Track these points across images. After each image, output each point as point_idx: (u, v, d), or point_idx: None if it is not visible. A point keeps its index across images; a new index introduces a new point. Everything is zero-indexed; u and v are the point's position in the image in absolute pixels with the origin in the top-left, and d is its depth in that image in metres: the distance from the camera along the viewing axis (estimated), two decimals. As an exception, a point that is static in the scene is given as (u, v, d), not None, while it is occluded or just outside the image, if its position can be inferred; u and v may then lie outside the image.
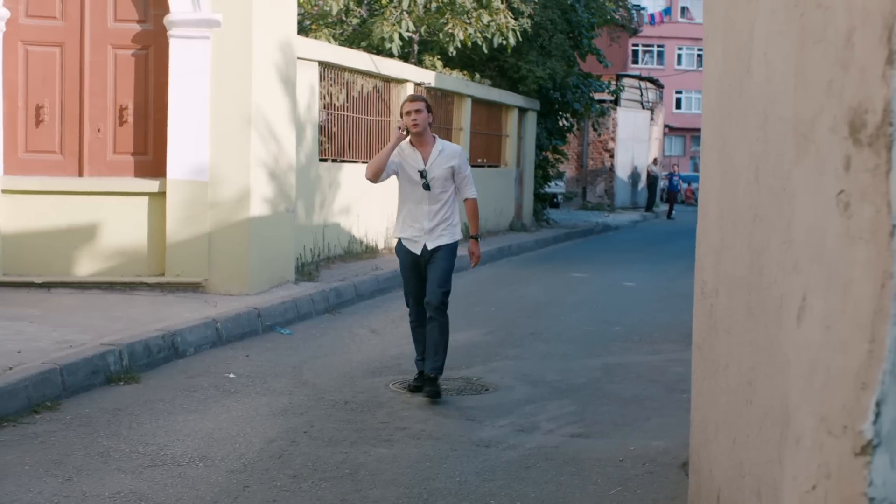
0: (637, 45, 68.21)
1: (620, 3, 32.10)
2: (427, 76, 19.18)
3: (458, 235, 8.02)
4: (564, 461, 6.41)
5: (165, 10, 11.28)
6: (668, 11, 60.87)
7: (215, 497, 5.57)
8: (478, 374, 8.87)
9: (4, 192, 11.10)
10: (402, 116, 7.91)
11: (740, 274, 4.27)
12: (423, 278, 7.96)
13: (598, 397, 8.18)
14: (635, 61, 67.83)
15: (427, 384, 7.83)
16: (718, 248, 4.62)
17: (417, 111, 7.81)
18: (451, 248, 7.96)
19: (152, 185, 11.39)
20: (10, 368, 7.52)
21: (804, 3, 3.15)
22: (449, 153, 7.96)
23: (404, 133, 7.86)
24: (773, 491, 3.55)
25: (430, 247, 7.88)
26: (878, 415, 2.60)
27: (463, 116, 21.23)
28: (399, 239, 8.06)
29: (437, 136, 8.09)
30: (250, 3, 11.32)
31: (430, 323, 7.88)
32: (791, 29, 3.37)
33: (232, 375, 8.51)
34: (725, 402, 4.46)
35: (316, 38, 19.84)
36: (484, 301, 13.36)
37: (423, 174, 7.84)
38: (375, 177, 7.82)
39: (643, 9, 56.81)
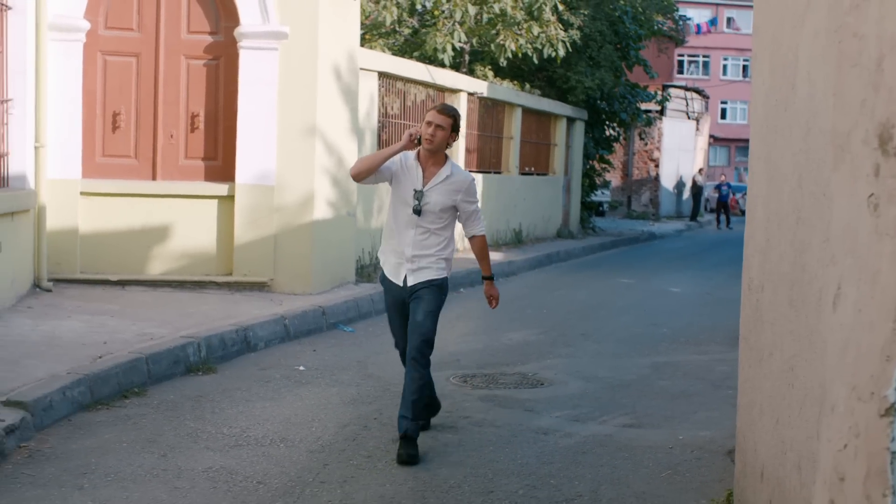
0: (683, 56, 68.45)
1: (668, 16, 32.49)
2: (480, 86, 19.72)
3: (445, 272, 6.72)
4: (618, 448, 6.89)
5: (236, 22, 11.88)
6: (714, 22, 61.14)
7: (299, 473, 6.10)
8: (533, 370, 9.36)
9: (83, 194, 11.72)
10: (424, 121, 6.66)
11: (784, 271, 4.74)
12: (407, 315, 6.79)
13: (648, 392, 8.65)
14: (681, 71, 68.04)
15: (402, 445, 6.48)
16: (764, 248, 5.09)
17: (439, 127, 6.53)
18: (437, 287, 6.68)
19: (221, 188, 11.98)
20: (100, 357, 8.11)
21: (843, 31, 3.63)
22: (455, 183, 6.65)
23: (415, 142, 6.55)
24: (812, 464, 4.02)
25: (410, 282, 6.66)
26: (900, 382, 3.07)
27: (513, 125, 21.74)
28: (382, 268, 6.93)
29: (450, 159, 6.74)
30: (317, 16, 11.90)
31: (407, 372, 6.69)
32: (831, 53, 3.84)
33: (302, 368, 9.05)
34: (769, 387, 4.93)
35: (371, 48, 20.42)
36: (535, 304, 13.86)
37: (417, 195, 6.58)
38: (360, 176, 6.59)
39: (689, 19, 57.11)
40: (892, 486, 3.06)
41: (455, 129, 6.61)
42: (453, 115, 6.63)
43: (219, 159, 12.14)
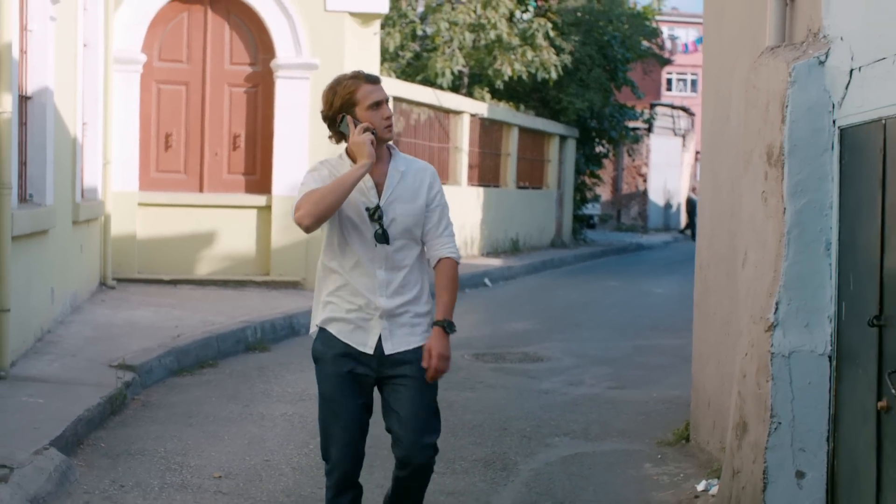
0: (671, 74, 70.25)
1: (653, 41, 34.24)
2: (481, 108, 21.54)
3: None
4: (604, 401, 8.66)
5: (272, 55, 13.66)
6: (701, 41, 62.92)
7: (354, 417, 7.84)
8: (533, 350, 11.12)
9: (140, 204, 13.49)
10: (343, 107, 4.46)
11: (722, 252, 6.53)
12: (366, 404, 4.56)
13: (630, 365, 10.43)
14: (669, 89, 69.83)
15: None
16: (710, 236, 6.87)
17: (387, 101, 4.53)
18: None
19: (260, 199, 13.76)
20: (178, 336, 9.85)
21: (747, 84, 5.41)
22: (418, 176, 4.58)
23: (373, 138, 4.41)
24: (739, 386, 5.78)
25: (389, 349, 4.47)
26: (777, 310, 4.84)
27: (510, 143, 23.54)
28: (321, 330, 4.55)
29: (394, 147, 4.62)
30: (343, 50, 13.69)
31: (401, 483, 4.59)
32: (743, 97, 5.63)
33: (340, 348, 10.77)
34: (713, 339, 6.71)
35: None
36: (533, 302, 15.64)
37: (375, 215, 4.43)
38: (321, 220, 4.35)
39: (677, 38, 58.92)
40: (771, 375, 4.83)
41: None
42: (380, 79, 4.60)
43: (257, 174, 13.90)
